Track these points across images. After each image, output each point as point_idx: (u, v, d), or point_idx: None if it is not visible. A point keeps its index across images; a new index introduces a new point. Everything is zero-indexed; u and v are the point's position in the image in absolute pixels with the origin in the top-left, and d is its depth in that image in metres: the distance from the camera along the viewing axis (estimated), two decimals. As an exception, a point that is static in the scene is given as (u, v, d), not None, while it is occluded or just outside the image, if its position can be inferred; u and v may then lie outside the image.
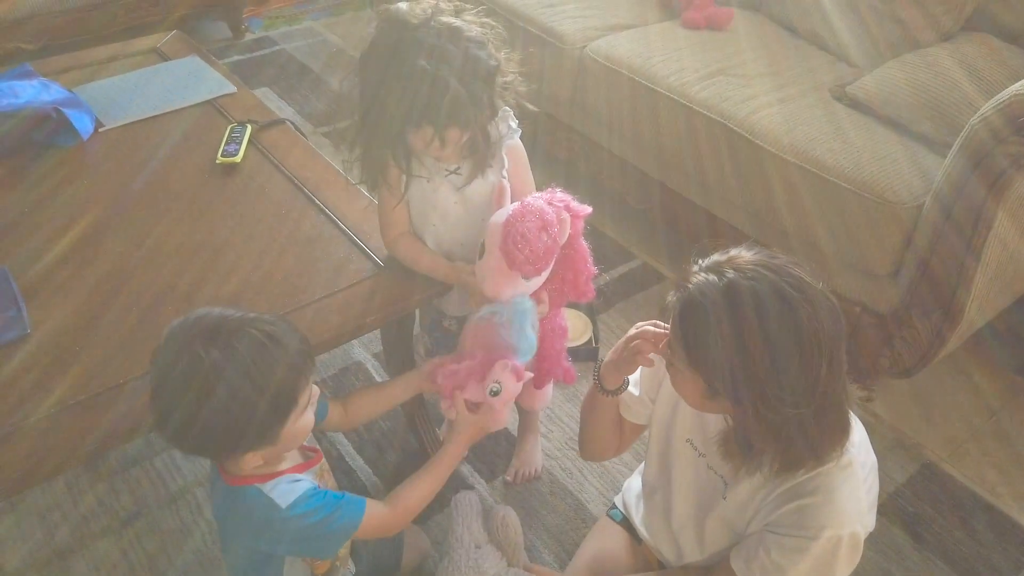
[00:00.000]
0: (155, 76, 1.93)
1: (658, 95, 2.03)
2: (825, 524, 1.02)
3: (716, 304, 0.93)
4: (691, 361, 0.98)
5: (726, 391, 0.97)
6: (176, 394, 0.96)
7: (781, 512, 1.06)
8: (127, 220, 1.48)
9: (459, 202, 1.33)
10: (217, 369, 0.94)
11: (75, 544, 1.57)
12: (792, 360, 0.92)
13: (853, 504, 1.03)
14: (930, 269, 1.62)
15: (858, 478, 1.04)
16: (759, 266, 0.95)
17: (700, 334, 0.95)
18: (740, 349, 0.92)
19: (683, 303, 0.98)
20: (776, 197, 1.85)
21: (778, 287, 0.92)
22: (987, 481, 1.76)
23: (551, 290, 1.37)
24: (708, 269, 0.98)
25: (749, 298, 0.92)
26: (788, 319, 0.91)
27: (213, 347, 0.95)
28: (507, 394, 1.25)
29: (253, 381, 0.95)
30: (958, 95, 1.77)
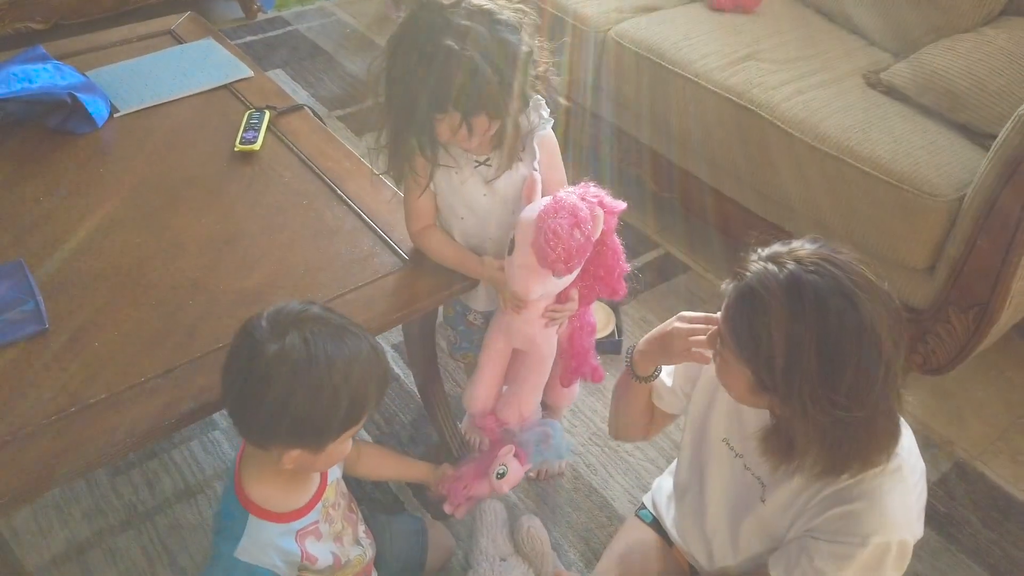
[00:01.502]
0: (169, 59, 1.88)
1: (685, 80, 1.97)
2: (873, 531, 0.98)
3: (775, 295, 0.89)
4: (741, 352, 0.94)
5: (775, 387, 0.93)
6: (272, 366, 0.94)
7: (825, 517, 1.02)
8: (144, 210, 1.44)
9: (488, 195, 1.29)
10: (324, 351, 0.95)
11: (93, 538, 1.55)
12: (849, 362, 0.88)
13: (902, 511, 1.00)
14: (969, 264, 1.57)
15: (908, 484, 1.01)
16: (824, 261, 0.90)
17: (755, 325, 0.91)
18: (796, 345, 0.88)
19: (740, 291, 0.93)
20: (808, 187, 1.80)
21: (843, 284, 0.88)
22: (1021, 480, 1.72)
23: (581, 287, 1.33)
24: (768, 258, 0.93)
25: (811, 292, 0.87)
26: (850, 319, 0.87)
27: (327, 334, 0.96)
28: (512, 477, 1.33)
29: (349, 376, 0.96)
30: (999, 84, 1.71)
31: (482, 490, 1.32)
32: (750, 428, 1.12)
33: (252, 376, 0.96)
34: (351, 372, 0.97)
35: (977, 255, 1.54)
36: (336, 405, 0.97)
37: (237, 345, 1.00)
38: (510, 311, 1.29)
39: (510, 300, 1.28)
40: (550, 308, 1.30)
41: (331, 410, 0.97)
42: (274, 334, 0.96)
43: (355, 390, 0.98)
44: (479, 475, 1.32)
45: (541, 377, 1.35)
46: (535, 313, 1.29)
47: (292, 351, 0.95)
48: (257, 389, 0.95)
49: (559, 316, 1.32)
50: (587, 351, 1.40)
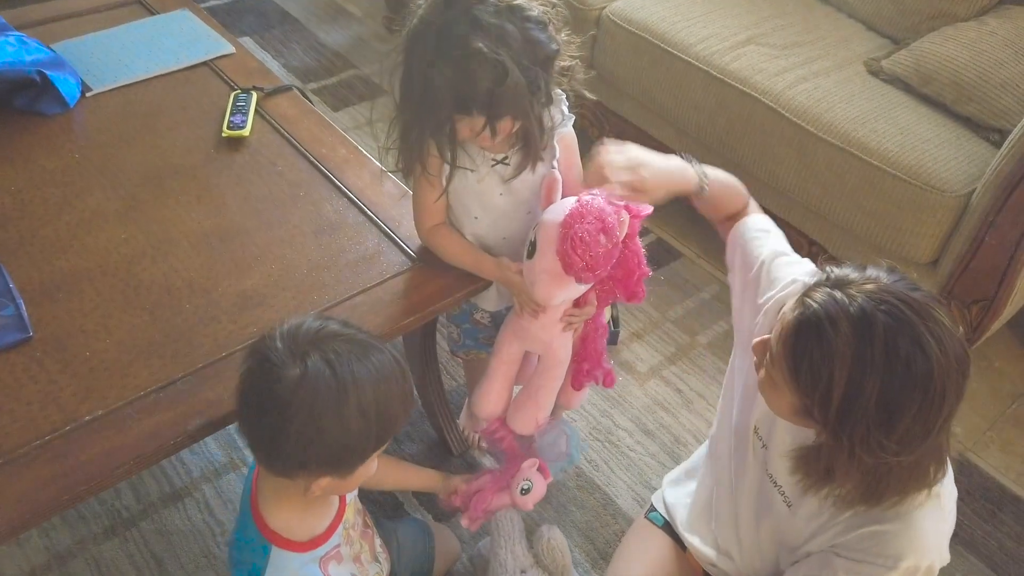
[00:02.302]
0: (143, 32, 1.75)
1: (686, 64, 1.92)
2: (904, 554, 0.95)
3: (843, 333, 0.83)
4: (794, 381, 0.90)
5: (825, 423, 0.89)
6: (297, 392, 0.87)
7: (855, 535, 1.00)
8: (129, 202, 1.34)
9: (505, 194, 1.22)
10: (354, 373, 0.88)
11: (75, 548, 1.47)
12: (910, 411, 0.83)
13: (935, 536, 0.97)
14: (975, 261, 1.56)
15: (944, 510, 0.98)
16: (899, 300, 0.83)
17: (817, 361, 0.85)
18: (857, 389, 0.83)
19: (804, 321, 0.87)
20: (811, 177, 1.77)
21: (916, 330, 0.82)
22: (1012, 471, 1.75)
23: (600, 290, 1.28)
24: (837, 285, 0.87)
25: (881, 335, 0.82)
26: (919, 369, 0.82)
27: (351, 352, 0.89)
28: (537, 492, 1.29)
29: (379, 398, 0.90)
30: (1004, 76, 1.70)
31: (502, 504, 1.27)
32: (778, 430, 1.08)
33: (274, 405, 0.87)
34: (380, 392, 0.91)
35: (985, 251, 1.54)
36: (367, 429, 0.91)
37: (252, 371, 0.91)
38: (526, 315, 1.24)
39: (528, 304, 1.22)
40: (568, 313, 1.25)
41: (363, 435, 0.91)
42: (293, 357, 0.88)
43: (385, 410, 0.92)
44: (499, 489, 1.27)
45: (556, 382, 1.31)
46: (553, 318, 1.24)
47: (317, 376, 0.87)
48: (281, 419, 0.87)
49: (577, 321, 1.27)
50: (600, 354, 1.36)
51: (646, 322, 1.99)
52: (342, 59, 2.87)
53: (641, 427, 1.76)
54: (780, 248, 1.17)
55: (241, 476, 1.60)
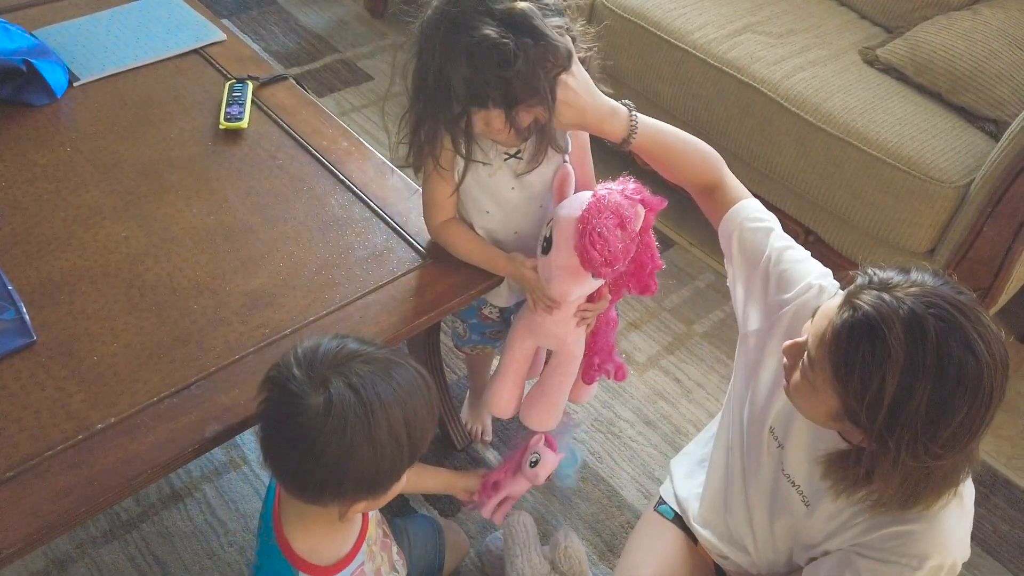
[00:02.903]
0: (128, 18, 1.68)
1: (684, 52, 1.91)
2: (930, 553, 0.96)
3: (897, 336, 0.83)
4: (842, 385, 0.88)
5: (870, 428, 0.88)
6: (327, 422, 0.83)
7: (879, 535, 1.00)
8: (126, 198, 1.30)
9: (517, 188, 1.21)
10: (381, 396, 0.85)
11: (75, 552, 1.43)
12: (959, 414, 0.83)
13: (959, 533, 0.98)
14: (972, 251, 1.59)
15: (966, 508, 0.99)
16: (948, 303, 0.84)
17: (867, 361, 0.84)
18: (908, 391, 0.83)
19: (856, 324, 0.86)
20: (808, 167, 1.78)
21: (967, 335, 0.82)
22: (1002, 455, 1.79)
23: (612, 284, 1.27)
24: (884, 287, 0.87)
25: (934, 339, 0.82)
26: (970, 372, 0.82)
27: (373, 373, 0.85)
28: (547, 464, 1.28)
29: (407, 416, 0.87)
30: (998, 67, 1.72)
31: (518, 488, 1.26)
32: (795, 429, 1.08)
33: (301, 437, 0.84)
34: (408, 410, 0.87)
35: (982, 241, 1.56)
36: (399, 449, 0.87)
37: (273, 402, 0.87)
38: (540, 312, 1.23)
39: (542, 300, 1.21)
40: (582, 308, 1.24)
41: (396, 456, 0.88)
42: (315, 385, 0.84)
43: (415, 427, 0.89)
44: (511, 473, 1.26)
45: (570, 377, 1.30)
46: (567, 313, 1.23)
47: (343, 403, 0.83)
48: (311, 451, 0.84)
49: (591, 316, 1.26)
50: (611, 347, 1.36)
51: (643, 312, 1.99)
52: (324, 42, 2.81)
53: (642, 418, 1.76)
54: (783, 242, 1.16)
55: (241, 475, 1.58)
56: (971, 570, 1.57)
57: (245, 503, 1.53)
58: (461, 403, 1.72)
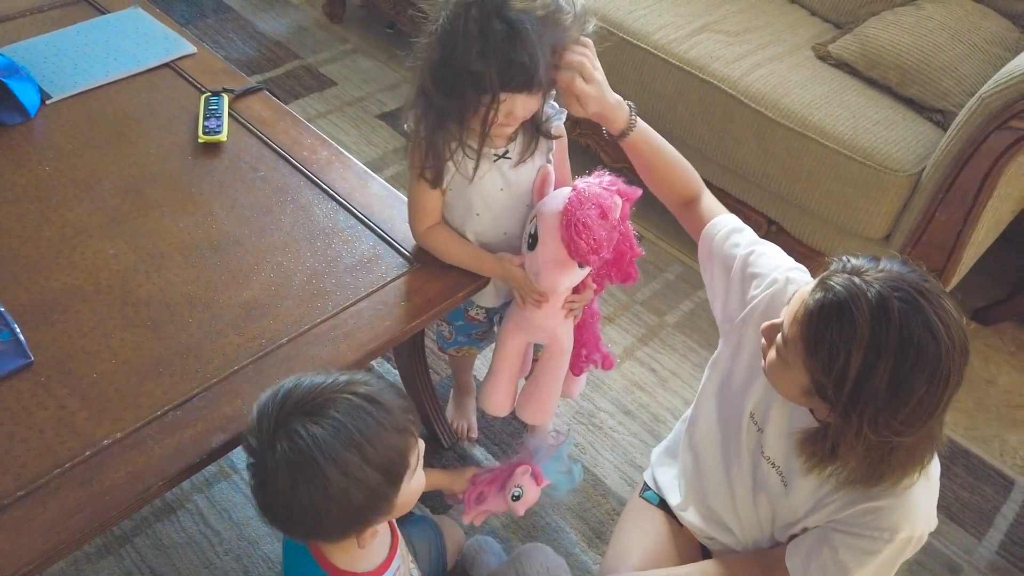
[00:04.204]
0: (96, 33, 1.68)
1: (645, 53, 1.96)
2: (900, 526, 1.02)
3: (863, 315, 0.89)
4: (812, 360, 0.94)
5: (836, 402, 0.94)
6: (282, 482, 0.85)
7: (853, 511, 1.06)
8: (111, 215, 1.31)
9: (505, 188, 1.25)
10: (322, 446, 0.84)
11: (69, 570, 1.44)
12: (917, 392, 0.89)
13: (926, 507, 1.05)
14: (926, 236, 1.68)
15: (932, 482, 1.06)
16: (914, 289, 0.90)
17: (835, 338, 0.91)
18: (871, 368, 0.89)
19: (827, 303, 0.92)
20: (769, 161, 1.85)
21: (930, 320, 0.88)
22: (959, 426, 1.90)
23: (595, 274, 1.32)
24: (855, 272, 0.93)
25: (897, 321, 0.88)
26: (929, 354, 0.88)
27: (311, 422, 0.85)
28: (528, 499, 1.30)
29: (363, 453, 0.86)
30: (943, 60, 1.81)
31: (498, 506, 1.30)
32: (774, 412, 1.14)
33: (273, 497, 0.87)
34: (361, 447, 0.87)
35: (935, 227, 1.65)
36: (370, 484, 0.88)
37: (249, 469, 0.91)
38: (530, 307, 1.27)
39: (531, 295, 1.25)
40: (569, 299, 1.29)
41: (370, 490, 0.88)
42: (265, 449, 0.86)
43: (378, 457, 0.88)
44: (496, 490, 1.30)
45: (562, 369, 1.35)
46: (556, 306, 1.28)
47: (287, 463, 0.85)
48: (283, 508, 0.87)
49: (578, 306, 1.31)
50: (598, 338, 1.41)
51: (616, 306, 2.05)
52: (284, 49, 2.81)
53: (621, 408, 1.82)
54: (756, 246, 1.22)
55: (232, 484, 1.59)
56: (936, 536, 1.66)
57: (238, 511, 1.55)
58: (446, 402, 1.75)
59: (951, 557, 1.64)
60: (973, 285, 2.16)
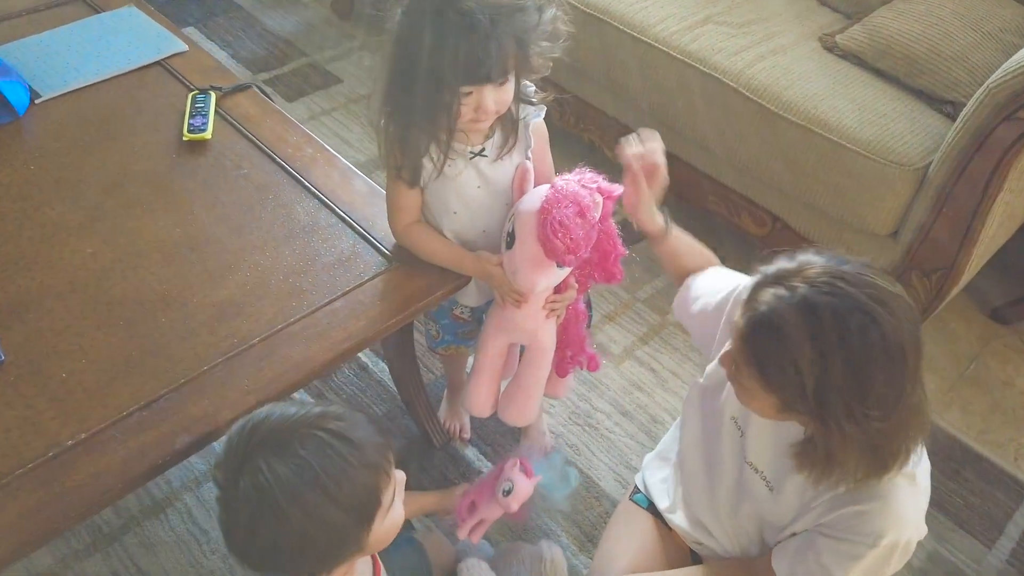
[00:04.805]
0: (89, 32, 1.68)
1: (647, 47, 1.92)
2: (884, 531, 1.00)
3: (793, 324, 0.87)
4: (765, 383, 0.93)
5: (807, 411, 0.92)
6: (244, 518, 0.83)
7: (837, 515, 1.03)
8: (92, 214, 1.30)
9: (482, 186, 1.22)
10: (285, 486, 0.82)
11: (58, 568, 1.44)
12: (878, 376, 0.87)
13: (914, 511, 1.02)
14: (934, 231, 1.61)
15: (920, 486, 1.02)
16: (835, 278, 0.88)
17: (776, 356, 0.89)
18: (823, 371, 0.87)
19: (754, 323, 0.91)
20: (772, 155, 1.80)
21: (859, 301, 0.86)
22: (972, 429, 1.83)
23: (578, 274, 1.30)
24: (776, 281, 0.91)
25: (829, 316, 0.86)
26: (872, 335, 0.85)
27: (276, 460, 0.82)
28: (520, 494, 1.25)
29: (328, 494, 0.83)
30: (954, 48, 1.74)
31: (493, 512, 1.26)
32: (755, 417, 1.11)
33: (235, 533, 0.85)
34: (326, 487, 0.83)
35: (943, 221, 1.59)
36: (336, 524, 0.85)
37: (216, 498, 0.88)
38: (510, 307, 1.25)
39: (510, 295, 1.23)
40: (550, 299, 1.26)
41: (331, 527, 0.85)
42: (228, 480, 0.84)
43: (339, 491, 0.84)
44: (487, 495, 1.26)
45: (544, 370, 1.32)
46: (536, 306, 1.25)
47: (249, 501, 0.82)
48: (245, 545, 0.85)
49: (559, 306, 1.28)
50: (583, 339, 1.38)
51: (617, 304, 2.02)
52: (292, 47, 2.81)
53: (619, 409, 1.78)
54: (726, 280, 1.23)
55: (222, 482, 1.59)
56: (942, 543, 1.60)
57: (226, 511, 1.54)
58: (438, 403, 1.73)
59: (958, 566, 1.58)
60: (990, 283, 2.08)
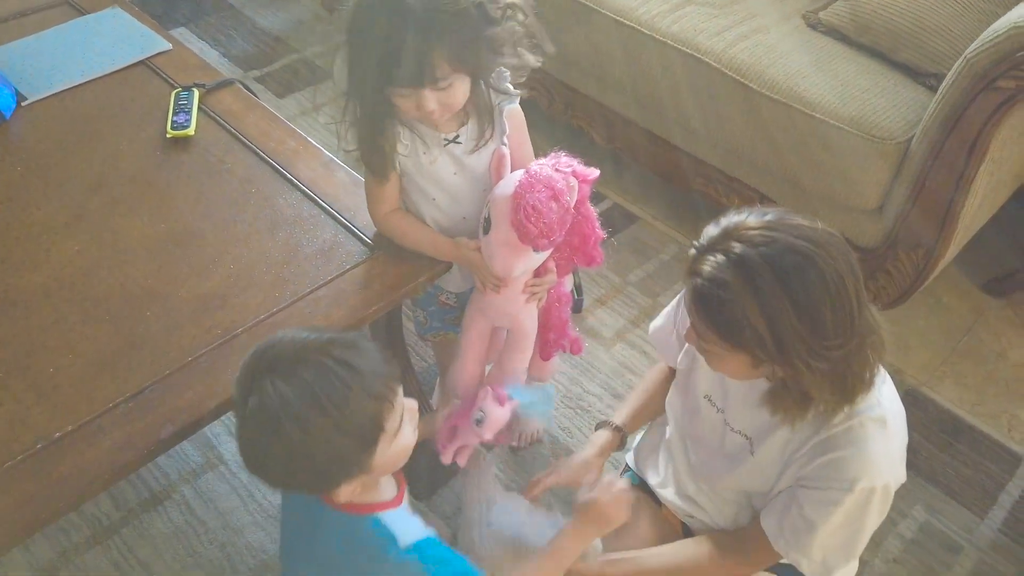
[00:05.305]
0: (74, 34, 1.70)
1: (630, 30, 1.92)
2: (859, 476, 1.02)
3: (734, 285, 0.91)
4: (730, 343, 0.97)
5: (773, 358, 0.95)
6: (251, 432, 0.88)
7: (814, 465, 1.06)
8: (78, 212, 1.32)
9: (459, 173, 1.23)
10: (285, 404, 0.85)
11: (59, 560, 1.47)
12: (825, 309, 0.91)
13: (886, 456, 1.04)
14: (918, 203, 1.61)
15: (890, 431, 1.04)
16: (763, 229, 0.93)
17: (729, 318, 0.93)
18: (775, 318, 0.91)
19: (698, 295, 0.96)
20: (756, 134, 1.80)
21: (789, 244, 0.91)
22: (965, 402, 1.83)
23: (558, 258, 1.31)
24: (710, 249, 0.95)
25: (765, 267, 0.90)
26: (809, 272, 0.90)
27: (281, 381, 0.86)
28: (492, 422, 1.23)
29: (328, 416, 0.86)
30: (936, 21, 1.74)
31: (472, 439, 1.26)
32: (732, 386, 1.14)
33: (246, 448, 0.90)
34: (327, 408, 0.86)
35: (925, 195, 1.59)
36: (330, 441, 0.87)
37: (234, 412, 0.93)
38: (489, 291, 1.26)
39: (489, 280, 1.24)
40: (530, 283, 1.28)
41: (330, 447, 0.88)
42: (240, 398, 0.89)
43: (337, 414, 0.87)
44: (467, 420, 1.26)
45: (526, 353, 1.33)
46: (516, 290, 1.26)
47: (254, 417, 0.87)
48: (256, 459, 0.90)
49: (539, 290, 1.30)
50: (565, 322, 1.39)
51: (608, 288, 2.03)
52: (282, 44, 2.82)
53: (610, 391, 1.80)
54: None
55: (219, 474, 1.61)
56: (935, 514, 1.61)
57: (223, 501, 1.57)
58: (431, 391, 1.75)
59: (950, 536, 1.58)
60: (982, 256, 2.08)
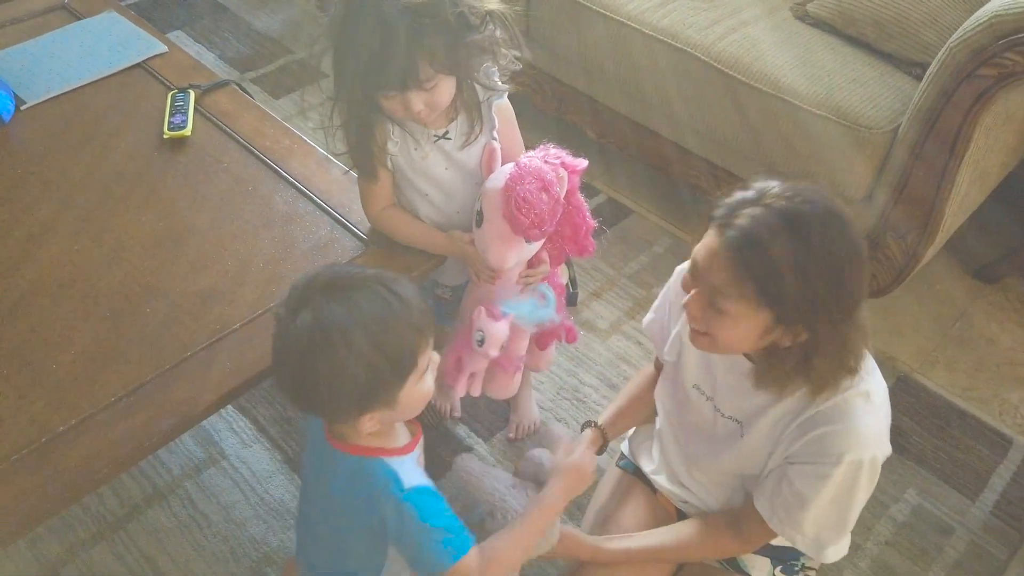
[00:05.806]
0: (71, 39, 1.73)
1: (619, 24, 1.94)
2: (846, 449, 1.04)
3: (782, 233, 0.92)
4: (764, 297, 0.96)
5: (802, 316, 0.96)
6: (295, 348, 0.92)
7: (803, 442, 1.08)
8: (77, 213, 1.35)
9: (451, 168, 1.26)
10: (336, 322, 0.90)
11: (65, 555, 1.50)
12: (854, 271, 0.95)
13: (872, 429, 1.06)
14: (906, 192, 1.64)
15: (875, 404, 1.06)
16: (802, 191, 0.95)
17: (772, 266, 0.93)
18: (809, 274, 0.92)
19: (741, 241, 0.94)
20: (746, 126, 1.82)
21: (830, 206, 0.95)
22: (957, 387, 1.85)
23: (550, 248, 1.33)
24: (749, 203, 0.96)
25: (814, 221, 0.93)
26: (849, 231, 0.95)
27: (333, 300, 0.91)
28: (493, 338, 1.25)
29: (373, 337, 0.91)
30: (922, 12, 1.76)
31: (479, 363, 1.28)
32: (719, 373, 1.16)
33: (286, 363, 0.94)
34: (373, 332, 0.91)
35: (913, 183, 1.61)
36: (375, 368, 0.92)
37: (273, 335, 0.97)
38: (484, 282, 1.28)
39: (484, 272, 1.26)
40: (524, 273, 1.30)
41: (370, 370, 0.92)
42: (289, 315, 0.93)
43: (386, 345, 0.92)
44: (469, 347, 1.28)
45: (522, 343, 1.36)
46: (510, 281, 1.29)
47: (304, 331, 0.91)
48: (294, 374, 0.94)
49: (533, 280, 1.32)
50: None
51: (603, 280, 2.05)
52: (277, 45, 2.85)
53: (606, 382, 1.82)
54: None
55: (220, 469, 1.64)
56: (927, 498, 1.63)
57: (225, 495, 1.59)
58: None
59: (942, 518, 1.61)
60: (973, 242, 2.11)
